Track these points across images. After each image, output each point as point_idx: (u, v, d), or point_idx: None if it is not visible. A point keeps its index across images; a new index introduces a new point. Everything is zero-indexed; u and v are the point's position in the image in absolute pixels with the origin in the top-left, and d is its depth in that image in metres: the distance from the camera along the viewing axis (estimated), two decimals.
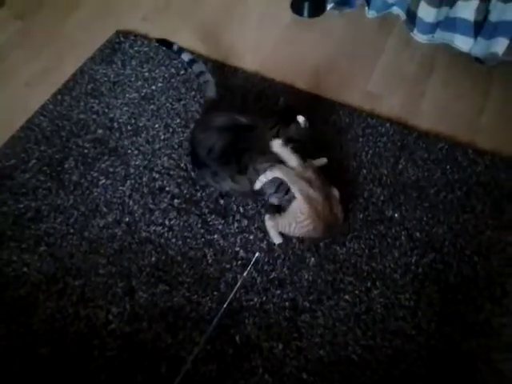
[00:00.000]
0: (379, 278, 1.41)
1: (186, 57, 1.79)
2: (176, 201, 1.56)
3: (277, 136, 1.48)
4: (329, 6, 2.08)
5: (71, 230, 1.50)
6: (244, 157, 1.47)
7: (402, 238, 1.49)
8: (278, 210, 1.48)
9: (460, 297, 1.39)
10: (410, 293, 1.40)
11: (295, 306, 1.38)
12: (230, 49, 1.96)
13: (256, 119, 1.55)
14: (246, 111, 1.59)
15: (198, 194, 1.57)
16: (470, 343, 1.32)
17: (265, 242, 1.48)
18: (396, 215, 1.53)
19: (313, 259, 1.45)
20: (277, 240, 1.47)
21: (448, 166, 1.63)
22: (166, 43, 1.86)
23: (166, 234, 1.49)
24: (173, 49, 1.83)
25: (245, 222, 1.51)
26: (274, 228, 1.47)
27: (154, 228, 1.51)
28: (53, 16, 2.09)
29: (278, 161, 1.46)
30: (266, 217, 1.49)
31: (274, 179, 1.44)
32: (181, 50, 1.81)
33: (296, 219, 1.41)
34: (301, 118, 1.51)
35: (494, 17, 1.75)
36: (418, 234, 1.49)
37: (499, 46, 1.80)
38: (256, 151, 1.48)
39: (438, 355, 1.31)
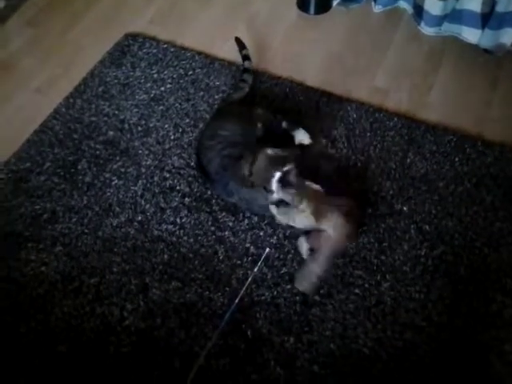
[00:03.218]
0: (389, 271, 1.42)
1: (245, 51, 1.85)
2: (187, 199, 1.58)
3: (250, 173, 1.45)
4: (335, 2, 2.09)
5: (86, 230, 1.54)
6: (230, 183, 1.49)
7: (412, 231, 1.49)
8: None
9: (471, 289, 1.40)
10: (420, 285, 1.40)
11: (306, 300, 1.39)
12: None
13: (248, 142, 1.53)
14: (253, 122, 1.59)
15: (209, 192, 1.59)
16: (482, 335, 1.33)
17: (275, 238, 1.50)
18: (405, 208, 1.54)
19: None
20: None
21: (457, 159, 1.63)
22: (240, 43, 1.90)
23: (177, 232, 1.52)
24: (242, 52, 1.87)
25: (255, 219, 1.53)
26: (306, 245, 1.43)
27: (165, 226, 1.53)
28: (62, 22, 2.12)
29: (260, 193, 1.45)
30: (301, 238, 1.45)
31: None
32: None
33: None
34: (275, 150, 1.48)
35: (501, 8, 1.75)
36: (427, 227, 1.50)
37: (507, 36, 1.80)
38: (239, 182, 1.48)
39: (450, 347, 1.32)
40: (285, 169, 1.41)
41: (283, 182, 1.40)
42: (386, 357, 1.31)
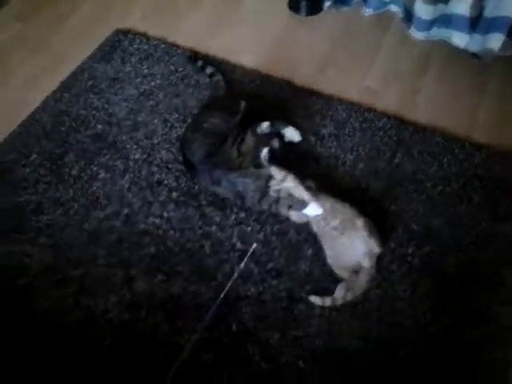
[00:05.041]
0: (376, 269, 1.42)
1: (199, 62, 1.87)
2: (174, 194, 1.57)
3: (239, 153, 1.48)
4: (326, 4, 2.10)
5: (71, 222, 1.52)
6: (216, 170, 1.49)
7: (399, 229, 1.50)
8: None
9: (458, 287, 1.40)
10: (406, 283, 1.40)
11: (292, 295, 1.39)
12: (229, 46, 1.98)
13: (230, 129, 1.55)
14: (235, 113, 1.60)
15: (196, 187, 1.58)
16: (470, 333, 1.33)
17: (262, 234, 1.49)
18: (393, 207, 1.54)
19: (310, 250, 1.46)
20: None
21: (445, 160, 1.64)
22: (190, 60, 1.92)
23: (164, 226, 1.51)
24: (197, 65, 1.88)
25: (242, 214, 1.53)
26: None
27: (152, 220, 1.52)
28: (52, 16, 2.11)
29: (251, 175, 1.46)
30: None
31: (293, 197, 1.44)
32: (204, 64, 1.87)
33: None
34: (265, 124, 1.50)
35: (489, 13, 1.77)
36: (414, 226, 1.50)
37: (495, 41, 1.82)
38: (225, 166, 1.48)
39: (436, 345, 1.32)
40: (271, 145, 1.47)
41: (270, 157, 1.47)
42: (371, 354, 1.30)
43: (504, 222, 1.50)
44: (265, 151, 1.47)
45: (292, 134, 1.67)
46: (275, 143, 1.52)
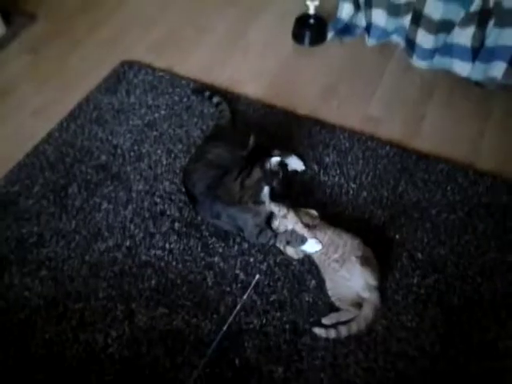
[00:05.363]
0: (380, 298, 1.39)
1: (206, 93, 1.89)
2: (177, 224, 1.56)
3: (241, 187, 1.45)
4: (329, 35, 2.13)
5: (72, 254, 1.51)
6: (216, 203, 1.47)
7: (404, 259, 1.48)
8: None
9: (464, 319, 1.37)
10: (412, 314, 1.37)
11: (295, 328, 1.36)
12: (234, 77, 2.00)
13: (232, 162, 1.52)
14: (244, 145, 1.57)
15: (199, 218, 1.57)
16: (477, 366, 1.29)
17: (265, 264, 1.47)
18: (397, 236, 1.52)
19: (313, 281, 1.44)
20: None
21: (449, 188, 1.62)
22: (197, 91, 1.94)
23: (166, 258, 1.50)
24: (204, 95, 1.90)
25: (245, 245, 1.51)
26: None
27: (154, 252, 1.51)
28: (61, 49, 2.15)
29: (249, 211, 1.45)
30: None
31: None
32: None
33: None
34: (274, 160, 1.48)
35: (490, 42, 1.78)
36: (419, 255, 1.48)
37: (497, 69, 1.83)
38: (227, 200, 1.47)
39: (443, 379, 1.28)
40: (273, 183, 1.46)
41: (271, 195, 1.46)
42: None
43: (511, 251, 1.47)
44: (266, 189, 1.45)
45: (295, 163, 1.67)
46: (277, 180, 1.49)
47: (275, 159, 1.47)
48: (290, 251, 1.46)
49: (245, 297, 1.40)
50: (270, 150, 1.60)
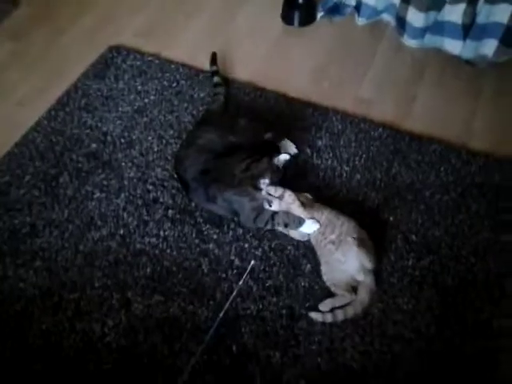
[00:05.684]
0: (376, 281, 1.40)
1: (214, 67, 1.87)
2: (170, 211, 1.56)
3: (246, 170, 1.44)
4: (319, 15, 2.10)
5: (66, 244, 1.50)
6: (212, 187, 1.46)
7: (398, 241, 1.48)
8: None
9: (459, 299, 1.38)
10: (407, 296, 1.38)
11: (292, 313, 1.36)
12: (223, 60, 1.97)
13: (235, 145, 1.52)
14: (234, 130, 1.57)
15: (193, 204, 1.56)
16: (473, 346, 1.31)
17: (260, 250, 1.47)
18: (391, 218, 1.53)
19: (309, 266, 1.44)
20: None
21: (442, 168, 1.62)
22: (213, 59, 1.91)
23: (160, 245, 1.49)
24: (212, 68, 1.88)
25: (239, 231, 1.51)
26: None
27: (148, 239, 1.50)
28: (45, 36, 2.10)
29: (247, 193, 1.44)
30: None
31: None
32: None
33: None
34: (283, 157, 1.47)
35: (481, 19, 1.76)
36: (413, 237, 1.49)
37: (488, 47, 1.81)
38: (224, 182, 1.46)
39: (439, 360, 1.29)
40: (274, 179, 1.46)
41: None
42: (374, 370, 1.28)
43: (504, 230, 1.48)
44: (266, 180, 1.44)
45: (288, 146, 1.65)
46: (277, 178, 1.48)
47: (284, 156, 1.46)
48: (294, 233, 1.46)
49: (240, 283, 1.40)
50: (279, 148, 1.59)
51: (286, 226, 1.41)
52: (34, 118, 1.80)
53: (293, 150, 1.66)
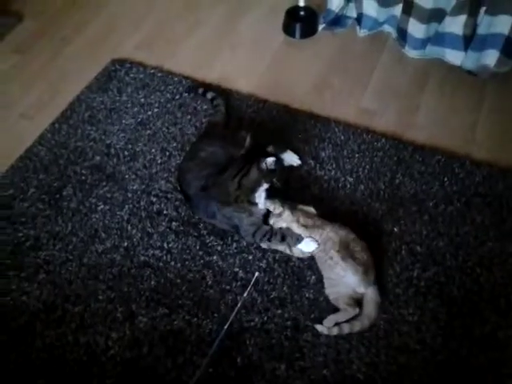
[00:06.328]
0: (381, 293, 1.39)
1: (200, 90, 1.87)
2: (174, 223, 1.55)
3: (239, 187, 1.43)
4: (320, 27, 2.11)
5: (70, 257, 1.50)
6: (211, 204, 1.47)
7: (403, 252, 1.48)
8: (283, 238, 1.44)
9: (465, 310, 1.38)
10: (413, 307, 1.38)
11: (297, 325, 1.36)
12: (225, 72, 1.99)
13: (229, 161, 1.51)
14: (235, 142, 1.56)
15: (196, 216, 1.56)
16: (479, 358, 1.30)
17: (264, 262, 1.47)
18: (395, 229, 1.52)
19: (313, 277, 1.43)
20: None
21: (446, 179, 1.62)
22: (191, 89, 1.91)
23: (164, 258, 1.49)
24: (198, 92, 1.88)
25: (243, 243, 1.51)
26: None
27: (152, 252, 1.50)
28: (49, 48, 2.12)
29: (245, 210, 1.44)
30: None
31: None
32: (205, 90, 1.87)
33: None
34: (270, 160, 1.44)
35: (482, 30, 1.77)
36: (418, 248, 1.48)
37: (490, 58, 1.82)
38: (222, 200, 1.46)
39: (446, 370, 1.28)
40: (273, 181, 1.46)
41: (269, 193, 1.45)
42: (380, 382, 1.27)
43: (510, 240, 1.48)
44: (261, 189, 1.44)
45: (291, 158, 1.66)
46: (276, 177, 1.48)
47: (270, 159, 1.44)
48: (295, 251, 1.45)
49: (245, 295, 1.39)
50: (265, 148, 1.58)
51: (283, 239, 1.41)
52: (37, 131, 1.81)
53: (296, 161, 1.66)
